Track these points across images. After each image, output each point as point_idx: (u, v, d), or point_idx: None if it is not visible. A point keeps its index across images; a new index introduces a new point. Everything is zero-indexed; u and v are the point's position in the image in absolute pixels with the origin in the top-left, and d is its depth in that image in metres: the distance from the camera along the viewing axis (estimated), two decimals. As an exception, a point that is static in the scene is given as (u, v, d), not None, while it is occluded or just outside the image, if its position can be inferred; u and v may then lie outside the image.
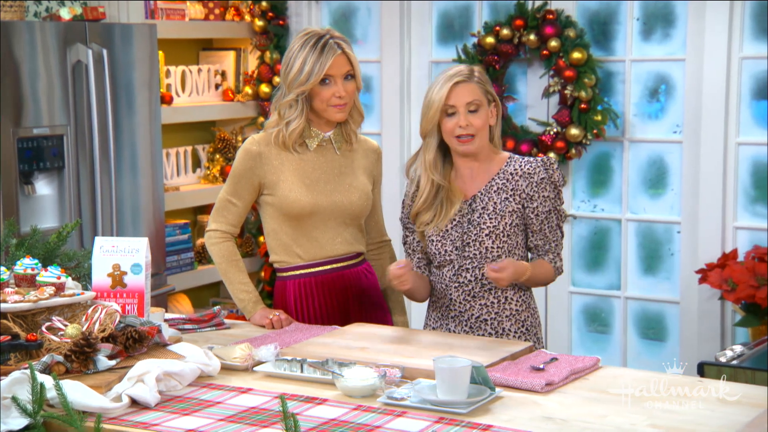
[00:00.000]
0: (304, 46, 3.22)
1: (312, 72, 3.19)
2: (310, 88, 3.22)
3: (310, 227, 3.29)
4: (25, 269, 2.78)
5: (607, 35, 5.13)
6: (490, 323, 3.17)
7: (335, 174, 3.31)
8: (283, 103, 3.27)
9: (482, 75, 3.17)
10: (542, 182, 3.13)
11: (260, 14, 5.76)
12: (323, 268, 3.33)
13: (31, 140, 4.34)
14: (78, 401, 2.34)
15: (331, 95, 3.23)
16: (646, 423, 2.31)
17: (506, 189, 3.15)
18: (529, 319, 3.22)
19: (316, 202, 3.26)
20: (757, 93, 4.78)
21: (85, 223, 4.53)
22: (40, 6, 5.03)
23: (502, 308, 3.17)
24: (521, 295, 3.20)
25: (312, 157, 3.31)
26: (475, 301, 3.17)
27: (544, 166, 3.15)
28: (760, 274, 4.45)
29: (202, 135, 5.84)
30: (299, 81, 3.22)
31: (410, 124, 5.55)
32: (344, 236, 3.33)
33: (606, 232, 5.24)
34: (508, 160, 3.19)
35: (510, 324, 3.17)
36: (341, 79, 3.23)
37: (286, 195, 3.26)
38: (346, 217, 3.32)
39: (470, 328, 3.17)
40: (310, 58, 3.20)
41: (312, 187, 3.27)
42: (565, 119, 5.01)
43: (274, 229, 3.33)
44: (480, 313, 3.17)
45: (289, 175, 3.27)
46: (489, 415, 2.37)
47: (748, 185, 4.84)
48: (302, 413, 2.37)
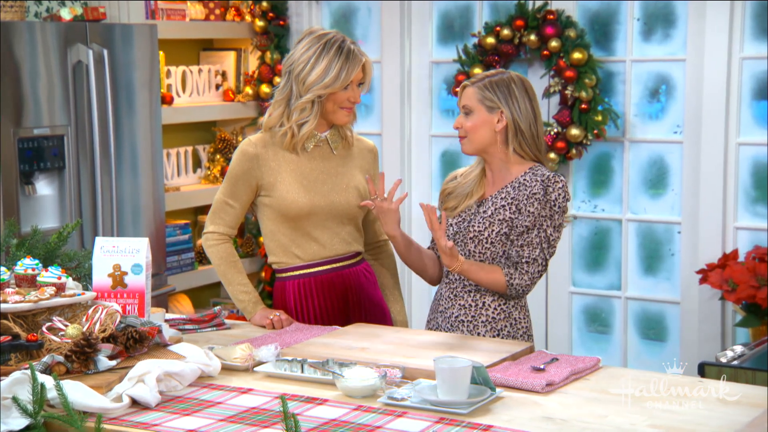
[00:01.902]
0: (326, 49, 3.23)
1: (338, 77, 3.22)
2: (333, 91, 3.24)
3: (308, 228, 3.30)
4: (25, 269, 2.78)
5: (607, 35, 5.13)
6: (466, 325, 3.18)
7: (332, 174, 3.32)
8: (298, 104, 3.26)
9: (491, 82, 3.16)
10: (532, 197, 3.10)
11: (261, 14, 5.77)
12: (322, 268, 3.33)
13: (32, 140, 4.34)
14: (78, 401, 2.34)
15: (345, 99, 3.26)
16: (647, 423, 2.31)
17: (508, 198, 3.15)
18: (507, 328, 3.18)
19: (313, 203, 3.27)
20: (758, 93, 4.78)
21: (85, 223, 4.53)
22: (40, 6, 5.03)
23: (479, 313, 3.17)
24: (500, 304, 3.18)
25: (309, 157, 3.31)
26: (456, 300, 3.20)
27: (542, 181, 3.10)
28: (761, 274, 4.45)
29: (203, 135, 5.84)
30: (323, 83, 3.22)
31: (410, 124, 5.55)
32: (342, 236, 3.34)
33: (606, 233, 5.24)
34: (527, 171, 3.18)
35: (485, 330, 3.16)
36: (356, 85, 3.28)
37: (283, 196, 3.26)
38: (343, 217, 3.33)
39: (450, 326, 3.20)
40: (336, 63, 3.22)
41: (309, 187, 3.28)
42: (565, 119, 5.01)
43: (271, 230, 3.33)
44: (459, 313, 3.19)
45: (286, 176, 3.27)
46: (489, 416, 2.38)
47: (748, 185, 4.84)
48: (303, 413, 2.37)
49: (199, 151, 5.79)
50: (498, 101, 3.15)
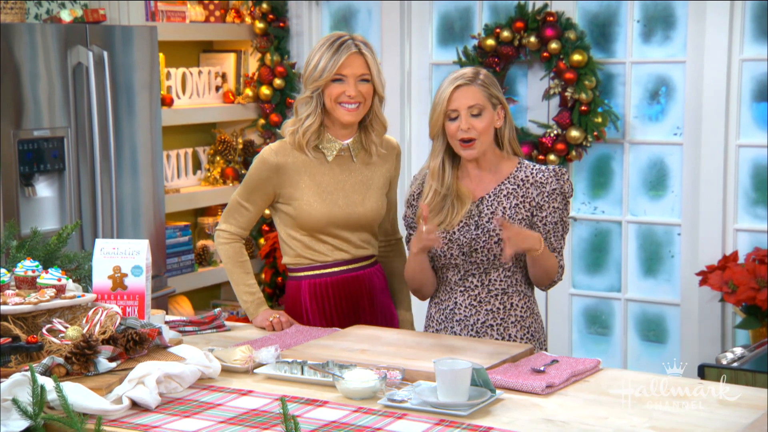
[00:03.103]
0: (323, 45, 3.26)
1: (325, 68, 3.21)
2: (323, 84, 3.23)
3: (325, 236, 3.31)
4: (25, 271, 2.78)
5: (607, 37, 5.13)
6: (496, 329, 3.16)
7: (351, 186, 3.32)
8: (299, 99, 3.30)
9: (488, 78, 3.15)
10: (553, 192, 3.13)
11: (261, 16, 5.77)
12: (338, 269, 3.34)
13: (32, 142, 4.34)
14: (78, 403, 2.34)
15: (340, 93, 3.23)
16: (647, 425, 2.31)
17: (516, 195, 3.14)
18: (533, 324, 3.22)
19: (330, 216, 3.28)
20: (758, 95, 4.78)
21: (85, 225, 4.53)
22: (40, 8, 5.03)
23: (508, 314, 3.17)
24: (526, 302, 3.20)
25: (329, 168, 3.31)
26: (481, 306, 3.16)
27: (556, 176, 3.14)
28: (761, 276, 4.45)
29: (203, 137, 5.84)
30: (313, 77, 3.24)
31: (410, 125, 5.56)
32: (357, 240, 3.35)
33: (606, 234, 5.25)
34: (518, 166, 3.18)
35: (516, 330, 3.17)
36: (354, 80, 3.23)
37: (302, 208, 3.27)
38: (358, 226, 3.34)
39: (476, 333, 3.16)
40: (326, 56, 3.22)
41: (328, 200, 3.28)
42: (565, 121, 5.01)
43: (288, 233, 3.35)
44: (486, 319, 3.16)
45: (305, 188, 3.28)
46: (489, 417, 2.37)
47: (748, 187, 4.84)
48: (303, 415, 2.37)
49: (199, 152, 5.79)
50: (500, 97, 3.15)
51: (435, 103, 3.14)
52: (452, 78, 3.14)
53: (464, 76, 3.13)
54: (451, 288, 3.20)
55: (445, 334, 3.20)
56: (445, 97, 3.11)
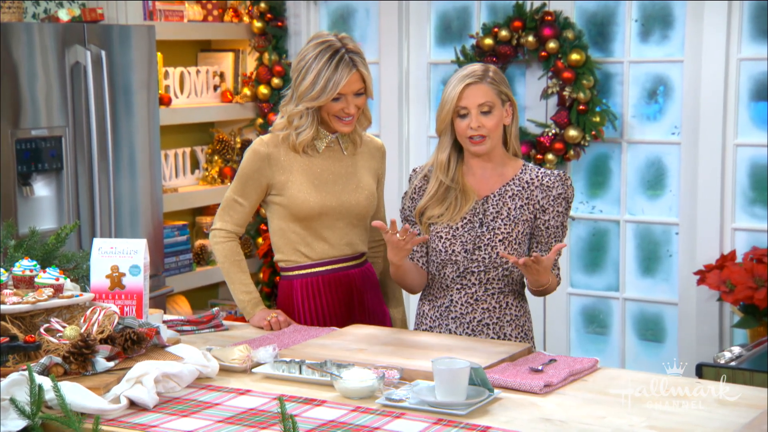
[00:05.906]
0: (320, 57, 3.19)
1: (325, 89, 3.18)
2: (321, 104, 3.22)
3: (317, 227, 3.30)
4: (23, 271, 2.78)
5: (605, 37, 5.13)
6: (492, 327, 3.16)
7: (343, 175, 3.32)
8: (293, 113, 3.27)
9: (497, 74, 3.14)
10: (558, 197, 3.14)
11: (259, 15, 5.77)
12: (330, 267, 3.33)
13: (30, 141, 4.34)
14: (76, 403, 2.34)
15: (339, 110, 3.23)
16: (645, 424, 2.31)
17: (521, 196, 3.15)
18: (527, 324, 3.24)
19: (324, 203, 3.27)
20: (756, 94, 4.78)
21: (83, 224, 4.53)
22: (38, 7, 5.03)
23: (503, 313, 3.17)
24: (519, 301, 3.21)
25: (320, 158, 3.31)
26: (478, 305, 3.17)
27: (561, 181, 3.15)
28: (759, 275, 4.45)
29: (201, 136, 5.84)
30: (311, 96, 3.21)
31: (408, 125, 5.55)
32: (351, 237, 3.35)
33: (604, 234, 5.25)
34: (523, 168, 3.19)
35: (511, 329, 3.18)
36: (352, 96, 3.22)
37: (295, 196, 3.27)
38: (353, 218, 3.33)
39: (472, 331, 3.17)
40: (324, 74, 3.18)
41: (320, 187, 3.28)
42: (563, 120, 5.01)
43: (281, 228, 3.33)
44: (482, 317, 3.17)
45: (297, 176, 3.28)
46: (487, 417, 2.37)
47: (746, 187, 4.84)
48: (301, 414, 2.37)
49: (197, 152, 5.79)
50: (509, 93, 3.15)
51: (444, 101, 3.13)
52: (462, 75, 3.12)
53: (474, 73, 3.11)
54: (447, 285, 3.19)
55: (440, 331, 3.20)
56: (455, 95, 3.09)
